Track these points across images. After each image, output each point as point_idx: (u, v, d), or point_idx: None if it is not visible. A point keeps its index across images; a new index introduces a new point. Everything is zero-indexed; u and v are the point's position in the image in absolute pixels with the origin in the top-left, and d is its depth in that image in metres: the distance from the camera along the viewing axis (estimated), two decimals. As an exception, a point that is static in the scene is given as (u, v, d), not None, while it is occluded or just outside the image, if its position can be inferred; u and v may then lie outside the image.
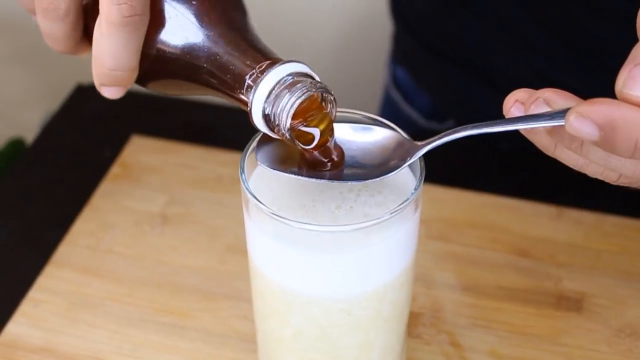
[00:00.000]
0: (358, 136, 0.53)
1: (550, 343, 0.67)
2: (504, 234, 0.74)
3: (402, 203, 0.49)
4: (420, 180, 0.51)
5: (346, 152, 0.51)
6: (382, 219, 0.48)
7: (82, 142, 0.84)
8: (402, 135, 0.52)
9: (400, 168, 0.50)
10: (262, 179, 0.53)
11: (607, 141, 0.43)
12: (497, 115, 0.88)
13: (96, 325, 0.68)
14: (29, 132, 1.14)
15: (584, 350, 0.66)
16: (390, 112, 0.99)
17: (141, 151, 0.82)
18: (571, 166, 0.49)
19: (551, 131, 0.47)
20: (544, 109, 0.46)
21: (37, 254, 0.73)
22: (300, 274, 0.51)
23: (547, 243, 0.74)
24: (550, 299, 0.70)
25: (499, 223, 0.75)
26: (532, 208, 0.76)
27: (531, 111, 0.46)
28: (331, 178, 0.50)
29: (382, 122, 0.53)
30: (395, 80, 0.98)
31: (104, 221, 0.76)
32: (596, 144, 0.43)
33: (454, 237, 0.74)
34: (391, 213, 0.49)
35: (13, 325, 0.68)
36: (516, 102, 0.47)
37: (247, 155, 0.53)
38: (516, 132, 0.88)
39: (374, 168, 0.51)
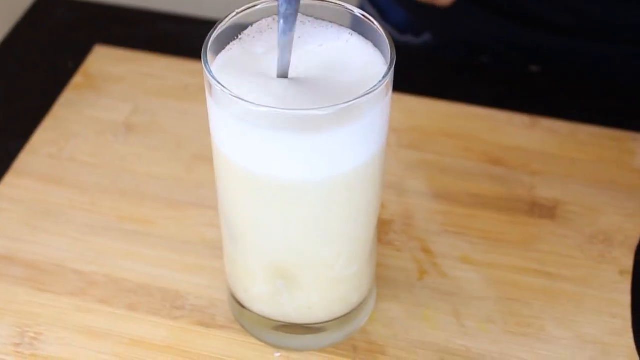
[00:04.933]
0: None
1: (523, 249, 0.66)
2: (476, 143, 0.73)
3: (375, 85, 0.47)
4: (392, 61, 0.49)
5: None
6: (353, 101, 0.47)
7: (44, 53, 0.82)
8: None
9: None
10: (225, 66, 0.51)
11: None
12: (477, 30, 0.87)
13: (58, 233, 0.67)
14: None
15: (557, 256, 0.65)
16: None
17: (105, 61, 0.79)
18: None
19: None
20: None
21: (-2, 164, 0.71)
22: (268, 157, 0.49)
23: (521, 151, 0.72)
24: (524, 206, 0.68)
25: (471, 132, 0.74)
26: (506, 117, 0.75)
27: None
28: None
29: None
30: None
31: (66, 130, 0.74)
32: None
33: (425, 145, 0.73)
34: (363, 95, 0.47)
35: (-28, 234, 0.66)
36: None
37: (210, 41, 0.51)
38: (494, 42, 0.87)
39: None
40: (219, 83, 0.48)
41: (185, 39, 0.82)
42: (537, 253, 0.65)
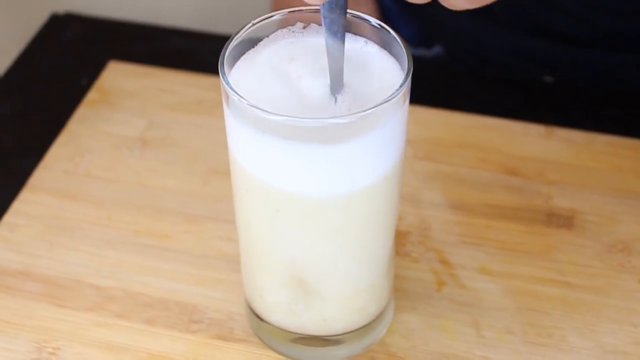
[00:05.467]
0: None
1: (542, 259, 0.65)
2: (492, 154, 0.72)
3: (394, 93, 0.47)
4: (409, 67, 0.49)
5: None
6: (372, 109, 0.47)
7: (58, 70, 0.82)
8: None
9: None
10: (241, 77, 0.51)
11: None
12: (489, 42, 0.87)
13: (74, 248, 0.66)
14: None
15: (576, 265, 0.65)
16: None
17: (119, 76, 0.79)
18: None
19: None
20: None
21: (13, 180, 0.71)
22: (285, 167, 0.49)
23: (537, 161, 0.72)
24: (541, 216, 0.68)
25: (487, 143, 0.73)
26: (521, 128, 0.75)
27: None
28: None
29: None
30: (381, 8, 0.95)
31: (81, 145, 0.74)
32: None
33: (441, 157, 0.72)
34: (382, 102, 0.47)
35: (-12, 250, 0.66)
36: None
37: (227, 52, 0.51)
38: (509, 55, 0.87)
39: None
40: (236, 93, 0.48)
41: (199, 54, 0.82)
42: (555, 263, 0.65)
